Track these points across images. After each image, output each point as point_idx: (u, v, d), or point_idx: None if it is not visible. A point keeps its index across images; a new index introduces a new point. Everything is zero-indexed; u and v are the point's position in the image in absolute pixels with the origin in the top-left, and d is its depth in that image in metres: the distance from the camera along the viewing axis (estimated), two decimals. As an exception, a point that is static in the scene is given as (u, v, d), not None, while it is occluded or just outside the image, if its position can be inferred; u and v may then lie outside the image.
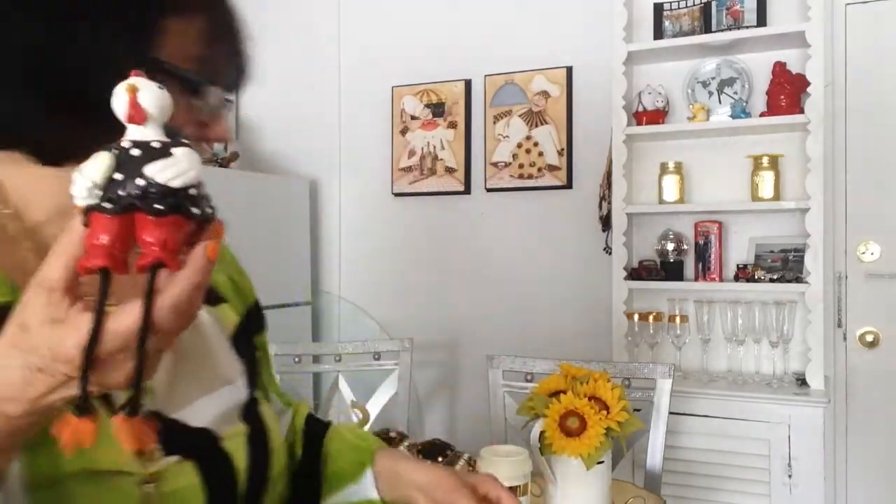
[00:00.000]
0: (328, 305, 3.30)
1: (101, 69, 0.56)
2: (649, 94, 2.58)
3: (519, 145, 2.91)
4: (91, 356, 0.42)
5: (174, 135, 0.44)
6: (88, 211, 0.42)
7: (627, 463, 2.26)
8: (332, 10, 3.30)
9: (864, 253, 2.47)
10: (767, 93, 2.46)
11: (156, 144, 0.42)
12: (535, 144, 2.89)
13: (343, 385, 2.25)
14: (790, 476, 2.16)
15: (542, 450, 1.28)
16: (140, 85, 0.43)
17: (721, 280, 2.50)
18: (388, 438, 1.24)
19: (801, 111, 2.35)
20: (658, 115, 2.57)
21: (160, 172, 0.41)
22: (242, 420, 0.73)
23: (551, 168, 2.86)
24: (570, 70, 2.84)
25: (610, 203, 2.60)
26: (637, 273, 2.56)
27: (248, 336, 0.83)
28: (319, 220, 3.33)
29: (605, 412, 1.26)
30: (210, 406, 0.70)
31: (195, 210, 0.43)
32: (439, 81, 3.07)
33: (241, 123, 3.48)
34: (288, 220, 3.14)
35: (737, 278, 2.47)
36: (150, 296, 0.42)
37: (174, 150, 0.42)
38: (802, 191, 2.34)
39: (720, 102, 2.55)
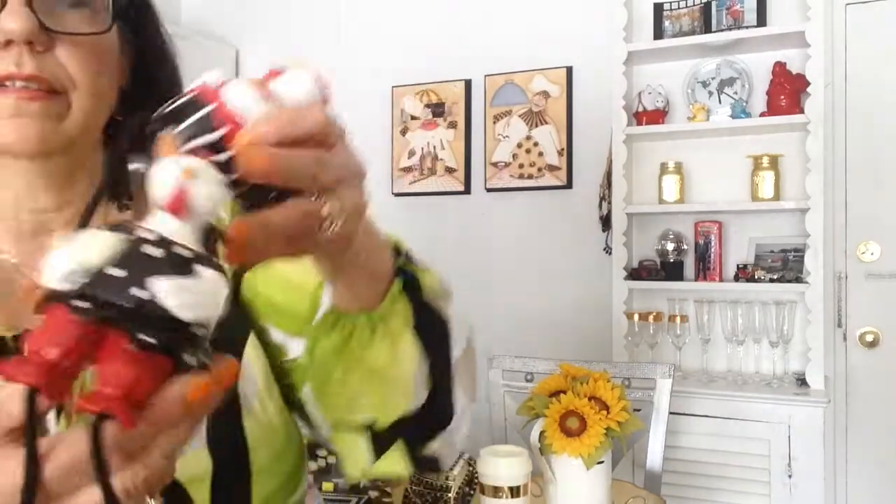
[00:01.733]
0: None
1: None
2: (649, 94, 2.58)
3: (519, 145, 2.91)
4: None
5: (209, 244, 0.33)
6: (51, 299, 0.30)
7: (627, 463, 2.25)
8: (332, 11, 3.30)
9: (864, 253, 2.47)
10: (767, 93, 2.46)
11: (184, 253, 0.31)
12: (535, 144, 2.89)
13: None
14: (790, 476, 2.16)
15: (542, 450, 1.28)
16: (200, 172, 0.32)
17: (721, 280, 2.50)
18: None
19: (801, 111, 2.34)
20: (658, 115, 2.57)
21: (172, 294, 0.29)
22: None
23: (551, 168, 2.86)
24: (570, 70, 2.84)
25: (610, 203, 2.60)
26: (637, 273, 2.56)
27: None
28: (319, 220, 3.33)
29: (605, 412, 1.26)
30: None
31: (189, 358, 0.31)
32: (439, 81, 3.07)
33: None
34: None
35: (737, 278, 2.47)
36: (97, 452, 0.30)
37: (200, 270, 0.30)
38: (802, 191, 2.34)
39: (720, 102, 2.55)
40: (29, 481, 0.29)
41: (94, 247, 0.30)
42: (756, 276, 2.41)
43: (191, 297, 0.30)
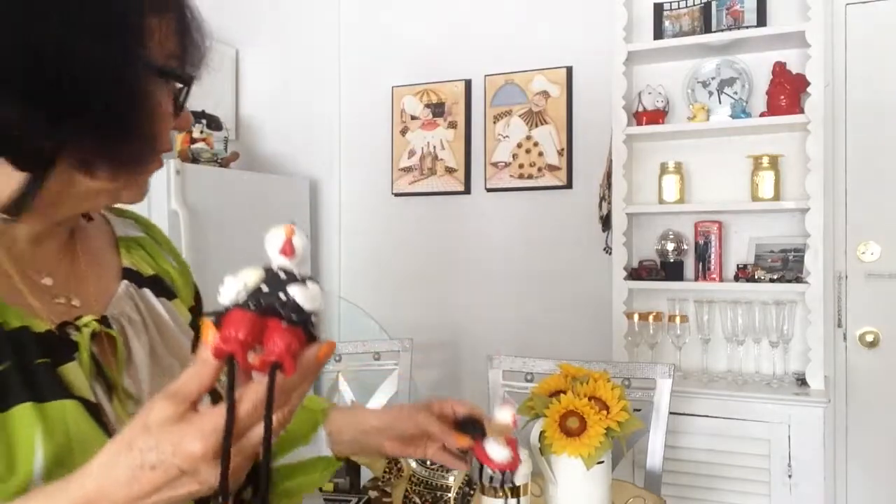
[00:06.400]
0: (328, 305, 3.29)
1: (99, 74, 0.58)
2: (649, 94, 2.58)
3: (519, 145, 2.91)
4: (230, 437, 0.48)
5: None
6: (230, 308, 0.50)
7: (627, 463, 2.25)
8: (332, 10, 3.30)
9: (864, 253, 2.47)
10: (767, 93, 2.46)
11: (296, 275, 0.52)
12: (535, 144, 2.89)
13: (343, 385, 2.25)
14: (790, 476, 2.16)
15: (542, 450, 1.28)
16: (296, 230, 0.54)
17: (721, 280, 2.50)
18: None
19: (801, 111, 2.34)
20: (658, 115, 2.57)
21: (299, 294, 0.50)
22: None
23: (551, 168, 2.86)
24: (570, 70, 2.84)
25: (610, 203, 2.60)
26: (637, 273, 2.56)
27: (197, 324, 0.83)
28: (319, 220, 3.33)
29: (605, 412, 1.25)
30: None
31: (315, 333, 0.52)
32: (439, 81, 3.07)
33: (241, 123, 3.48)
34: (288, 220, 3.13)
35: (737, 278, 2.47)
36: (271, 391, 0.49)
37: (308, 284, 0.52)
38: (802, 191, 2.34)
39: (720, 102, 2.55)
40: (230, 418, 0.48)
41: (252, 275, 0.51)
42: (756, 276, 2.41)
43: (309, 296, 0.50)
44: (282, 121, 3.41)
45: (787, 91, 2.40)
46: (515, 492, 1.14)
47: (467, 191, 3.02)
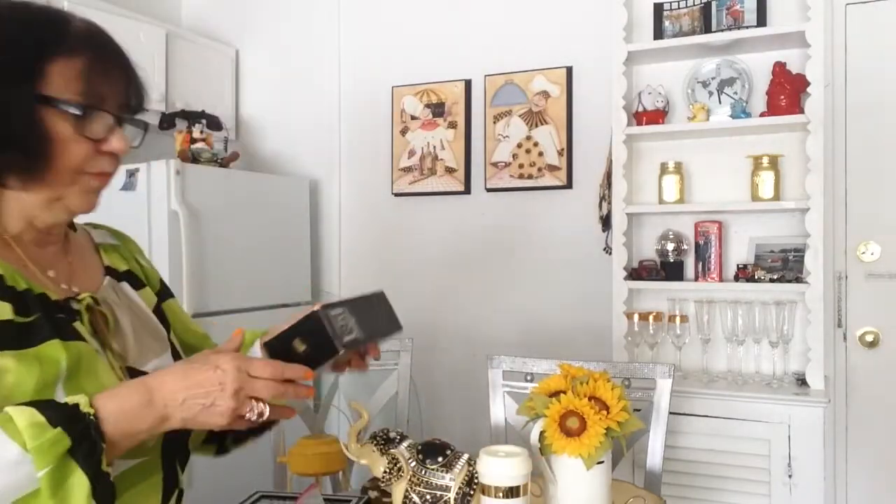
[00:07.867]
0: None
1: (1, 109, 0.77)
2: (649, 94, 2.58)
3: (519, 145, 2.91)
4: None
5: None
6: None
7: (627, 463, 2.25)
8: (332, 10, 3.31)
9: (864, 253, 2.47)
10: (767, 93, 2.46)
11: None
12: (535, 144, 2.89)
13: (343, 385, 2.25)
14: (790, 476, 2.16)
15: (542, 450, 1.28)
16: None
17: (721, 280, 2.50)
18: (388, 438, 1.24)
19: (801, 111, 2.34)
20: (658, 115, 2.57)
21: None
22: None
23: (551, 168, 2.86)
24: (570, 70, 2.85)
25: (610, 203, 2.60)
26: (637, 273, 2.56)
27: (160, 306, 1.08)
28: (319, 220, 3.33)
29: (605, 412, 1.25)
30: (160, 364, 0.96)
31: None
32: (439, 81, 3.07)
33: (241, 123, 3.48)
34: (288, 220, 3.14)
35: (737, 278, 2.47)
36: None
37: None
38: (802, 191, 2.34)
39: (720, 102, 2.55)
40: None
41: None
42: (756, 276, 2.41)
43: None
44: (282, 121, 3.41)
45: (787, 91, 2.40)
46: (515, 491, 1.14)
47: (467, 191, 3.02)
